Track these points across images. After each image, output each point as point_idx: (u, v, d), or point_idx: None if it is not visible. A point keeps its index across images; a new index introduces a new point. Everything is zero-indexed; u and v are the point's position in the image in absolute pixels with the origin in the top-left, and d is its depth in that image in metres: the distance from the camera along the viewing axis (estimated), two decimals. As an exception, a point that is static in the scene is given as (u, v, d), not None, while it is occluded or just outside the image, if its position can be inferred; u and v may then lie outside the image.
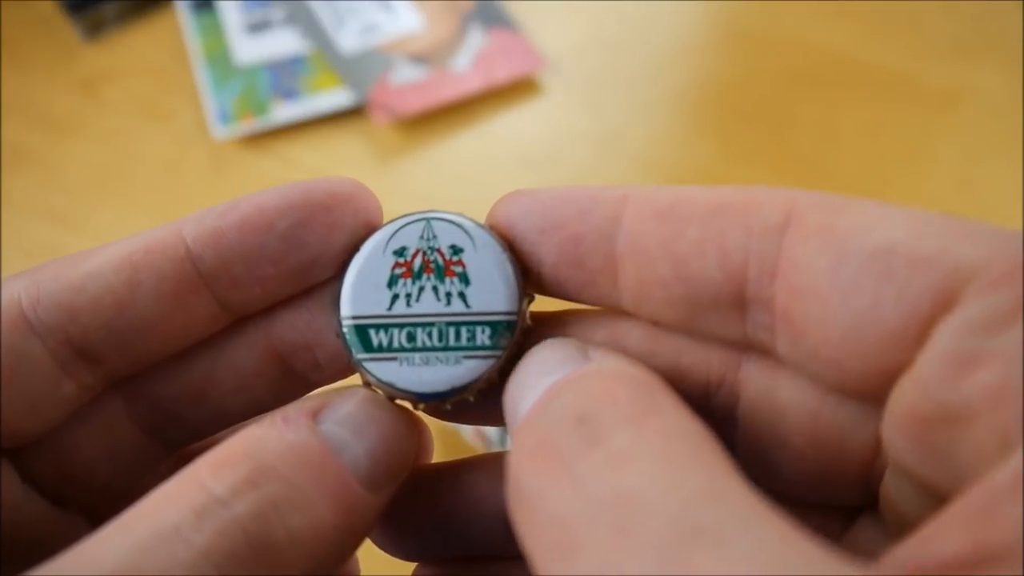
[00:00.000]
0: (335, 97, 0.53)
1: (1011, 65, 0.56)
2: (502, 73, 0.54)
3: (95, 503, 0.18)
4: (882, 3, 0.59)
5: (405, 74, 0.54)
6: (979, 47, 0.57)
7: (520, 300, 0.16)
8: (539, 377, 0.14)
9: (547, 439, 0.13)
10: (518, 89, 0.54)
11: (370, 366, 0.16)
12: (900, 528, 0.13)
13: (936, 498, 0.12)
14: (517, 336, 0.16)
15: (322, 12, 0.56)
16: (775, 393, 0.15)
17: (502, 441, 0.39)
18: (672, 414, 0.12)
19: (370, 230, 0.17)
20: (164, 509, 0.13)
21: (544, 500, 0.12)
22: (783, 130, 0.53)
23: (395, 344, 0.16)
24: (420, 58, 0.54)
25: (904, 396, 0.12)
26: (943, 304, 0.11)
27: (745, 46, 0.58)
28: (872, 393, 0.13)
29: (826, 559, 0.10)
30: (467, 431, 0.40)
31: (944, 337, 0.11)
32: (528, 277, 0.17)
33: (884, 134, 0.53)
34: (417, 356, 0.16)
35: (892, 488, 0.14)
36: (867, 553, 0.11)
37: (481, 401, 0.17)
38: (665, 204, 0.14)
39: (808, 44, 0.57)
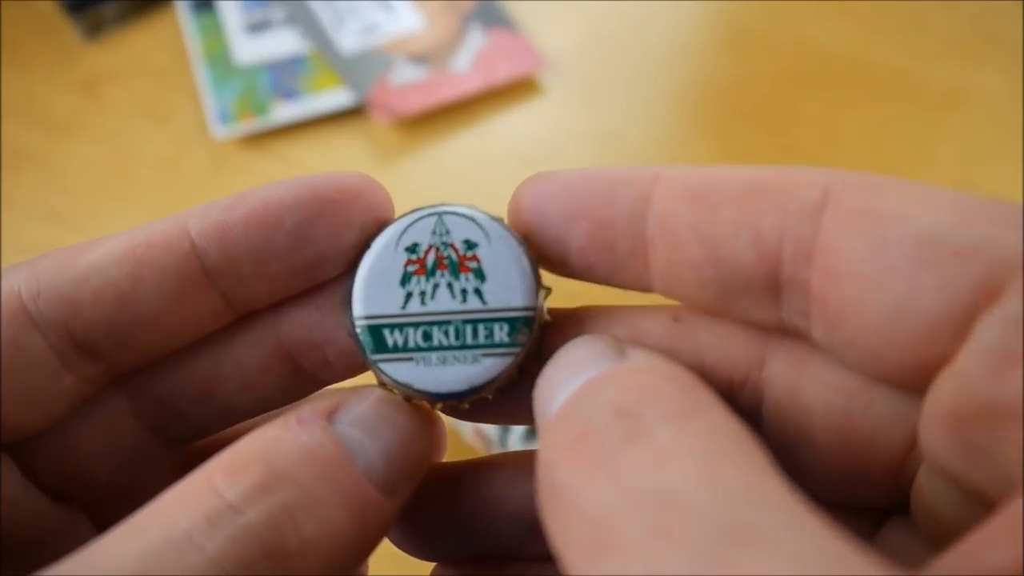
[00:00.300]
0: (335, 97, 0.53)
1: (1011, 65, 0.56)
2: (502, 73, 0.54)
3: (97, 500, 0.17)
4: (882, 3, 0.59)
5: (405, 74, 0.54)
6: (979, 47, 0.57)
7: (537, 294, 0.16)
8: (573, 374, 0.14)
9: (585, 433, 0.12)
10: (518, 89, 0.54)
11: (385, 367, 0.16)
12: (934, 530, 0.13)
13: (975, 498, 0.12)
14: (536, 332, 0.16)
15: (322, 12, 0.56)
16: (801, 392, 0.14)
17: (502, 441, 0.39)
18: (715, 413, 0.12)
19: (380, 226, 0.17)
20: (176, 514, 0.13)
21: (579, 496, 0.12)
22: (783, 130, 0.53)
23: (411, 344, 0.16)
24: (420, 58, 0.54)
25: (944, 392, 0.12)
26: (986, 296, 0.11)
27: (745, 46, 0.58)
28: (910, 384, 0.12)
29: (868, 564, 0.10)
30: (467, 431, 0.40)
31: (987, 331, 0.11)
32: (555, 263, 0.16)
33: (884, 134, 0.53)
34: (434, 355, 0.16)
35: (926, 488, 0.13)
36: (897, 557, 0.11)
37: (499, 398, 0.16)
38: (697, 185, 0.14)
39: (808, 44, 0.57)
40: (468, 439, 0.40)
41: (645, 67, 0.56)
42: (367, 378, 0.17)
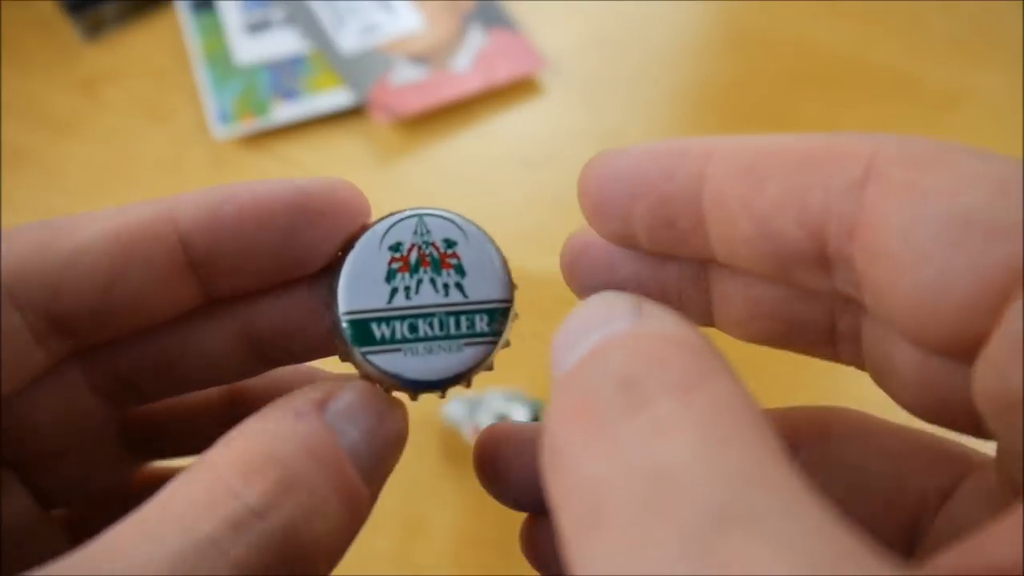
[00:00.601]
0: (335, 97, 0.53)
1: (1011, 65, 0.56)
2: (502, 73, 0.54)
3: (37, 463, 0.18)
4: (882, 3, 0.59)
5: (405, 74, 0.54)
6: (979, 47, 0.57)
7: (511, 288, 0.17)
8: (587, 331, 0.14)
9: (588, 399, 0.12)
10: (518, 89, 0.54)
11: (374, 358, 0.17)
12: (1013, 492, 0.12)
13: None
14: (511, 322, 0.17)
15: (322, 12, 0.56)
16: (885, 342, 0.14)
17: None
18: (723, 385, 0.12)
19: (362, 228, 0.17)
20: (197, 518, 0.13)
21: (578, 463, 0.11)
22: (783, 130, 0.53)
23: (398, 335, 0.17)
24: (420, 58, 0.54)
25: (980, 375, 0.12)
26: (1017, 278, 0.11)
27: (745, 46, 0.58)
28: (958, 356, 0.12)
29: (863, 554, 0.10)
30: (467, 431, 0.40)
31: (1015, 316, 0.11)
32: (624, 238, 0.16)
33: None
34: (420, 346, 0.17)
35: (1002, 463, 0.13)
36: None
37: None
38: (746, 160, 0.14)
39: (808, 44, 0.57)
40: (468, 439, 0.40)
41: (645, 67, 0.56)
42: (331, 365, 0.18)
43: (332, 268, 0.17)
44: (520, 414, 0.39)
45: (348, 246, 0.17)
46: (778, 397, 0.18)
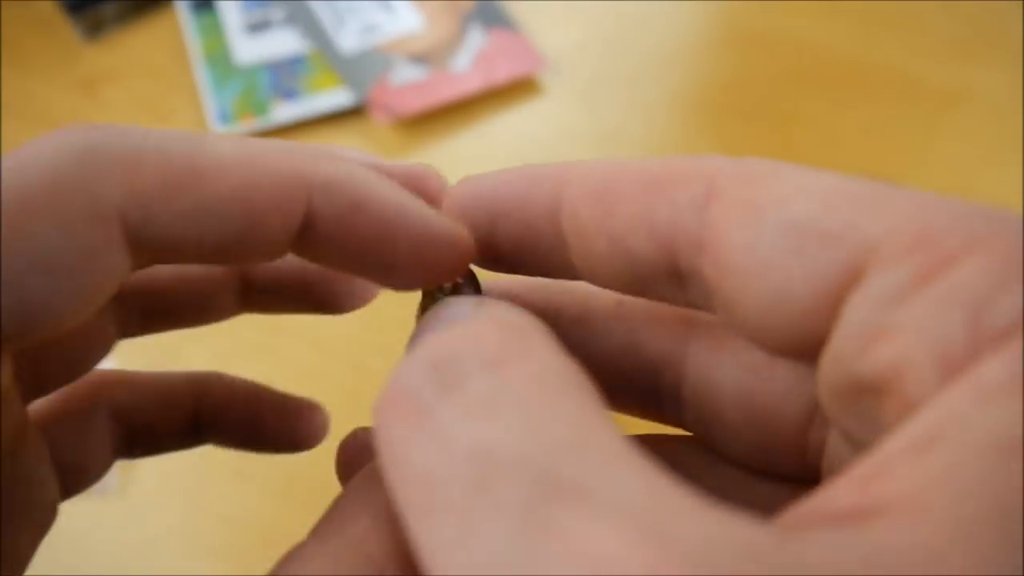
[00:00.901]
0: (335, 97, 0.53)
1: (1011, 65, 0.56)
2: (502, 73, 0.54)
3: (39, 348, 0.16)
4: (882, 3, 0.59)
5: (405, 74, 0.54)
6: (979, 47, 0.57)
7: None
8: (425, 334, 0.14)
9: (404, 386, 0.12)
10: (518, 89, 0.54)
11: None
12: None
13: None
14: None
15: (322, 12, 0.56)
16: (714, 369, 0.15)
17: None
18: (541, 358, 0.12)
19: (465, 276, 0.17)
20: None
21: (405, 452, 0.11)
22: (783, 130, 0.53)
23: None
24: (420, 58, 0.54)
25: (826, 369, 0.12)
26: (851, 278, 0.12)
27: (745, 46, 0.58)
28: (804, 358, 0.13)
29: (697, 509, 0.10)
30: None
31: (851, 312, 0.12)
32: (488, 262, 0.17)
33: (884, 134, 0.53)
34: None
35: (833, 453, 0.14)
36: None
37: None
38: (600, 183, 0.15)
39: (808, 44, 0.57)
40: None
41: (645, 67, 0.56)
42: None
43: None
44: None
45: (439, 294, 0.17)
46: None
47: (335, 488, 0.16)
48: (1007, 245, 0.11)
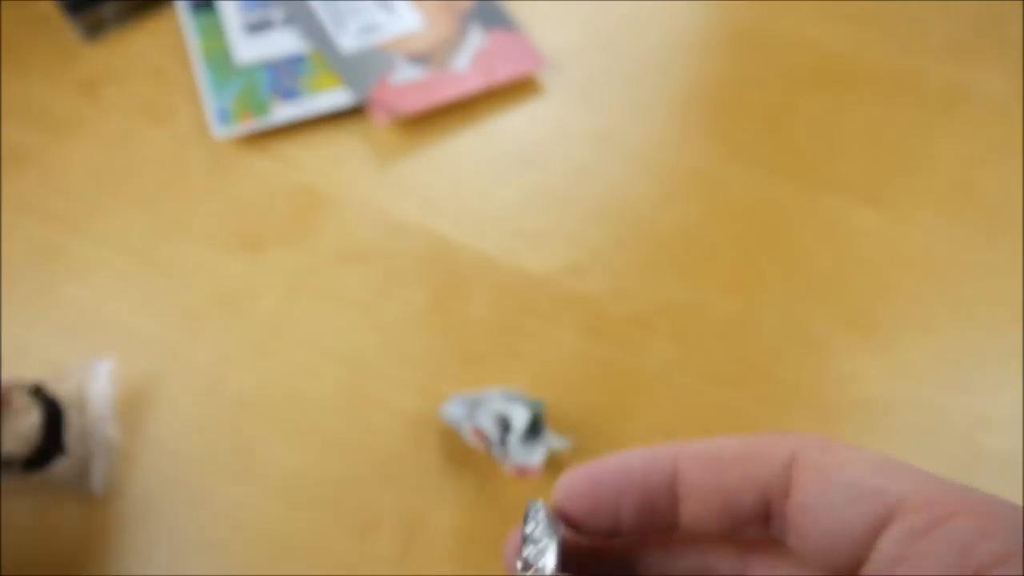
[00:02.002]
0: (335, 97, 0.53)
1: (1011, 65, 0.56)
2: (502, 73, 0.54)
3: None
4: (882, 3, 0.59)
5: (405, 74, 0.54)
6: (979, 47, 0.57)
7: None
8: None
9: None
10: (518, 89, 0.55)
11: None
12: None
13: None
14: None
15: (322, 12, 0.56)
16: None
17: (502, 440, 0.39)
18: None
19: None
20: None
21: None
22: (783, 130, 0.53)
23: None
24: (420, 58, 0.54)
25: None
26: (884, 523, 0.17)
27: (745, 46, 0.58)
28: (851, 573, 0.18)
29: None
30: (467, 433, 0.40)
31: (884, 543, 0.17)
32: (605, 532, 0.21)
33: (884, 134, 0.53)
34: None
35: None
36: None
37: None
38: (710, 456, 0.20)
39: (808, 44, 0.57)
40: (470, 442, 0.40)
41: (645, 67, 0.56)
42: None
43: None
44: (520, 414, 0.39)
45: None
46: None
47: (335, 488, 0.16)
48: (983, 509, 0.16)
